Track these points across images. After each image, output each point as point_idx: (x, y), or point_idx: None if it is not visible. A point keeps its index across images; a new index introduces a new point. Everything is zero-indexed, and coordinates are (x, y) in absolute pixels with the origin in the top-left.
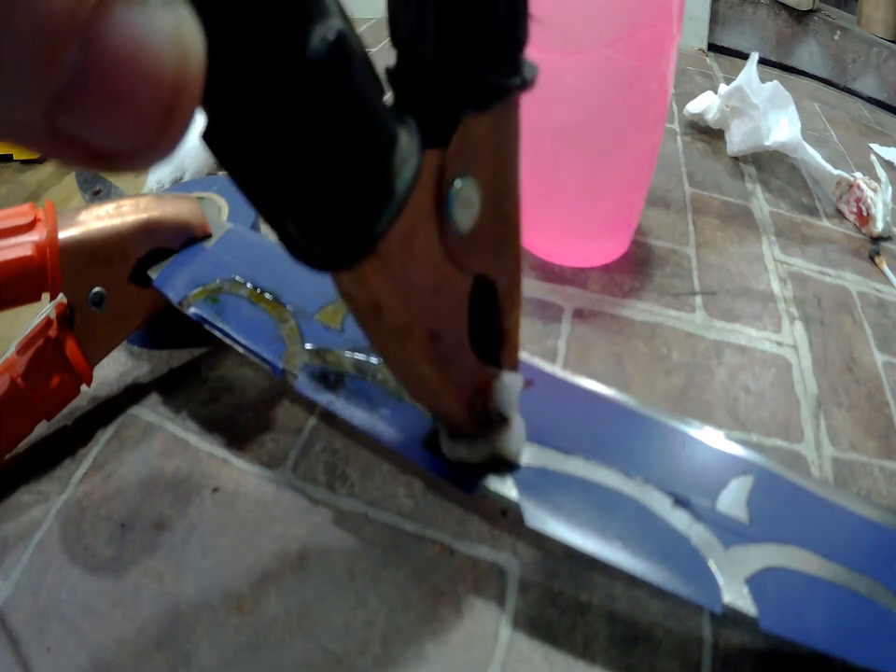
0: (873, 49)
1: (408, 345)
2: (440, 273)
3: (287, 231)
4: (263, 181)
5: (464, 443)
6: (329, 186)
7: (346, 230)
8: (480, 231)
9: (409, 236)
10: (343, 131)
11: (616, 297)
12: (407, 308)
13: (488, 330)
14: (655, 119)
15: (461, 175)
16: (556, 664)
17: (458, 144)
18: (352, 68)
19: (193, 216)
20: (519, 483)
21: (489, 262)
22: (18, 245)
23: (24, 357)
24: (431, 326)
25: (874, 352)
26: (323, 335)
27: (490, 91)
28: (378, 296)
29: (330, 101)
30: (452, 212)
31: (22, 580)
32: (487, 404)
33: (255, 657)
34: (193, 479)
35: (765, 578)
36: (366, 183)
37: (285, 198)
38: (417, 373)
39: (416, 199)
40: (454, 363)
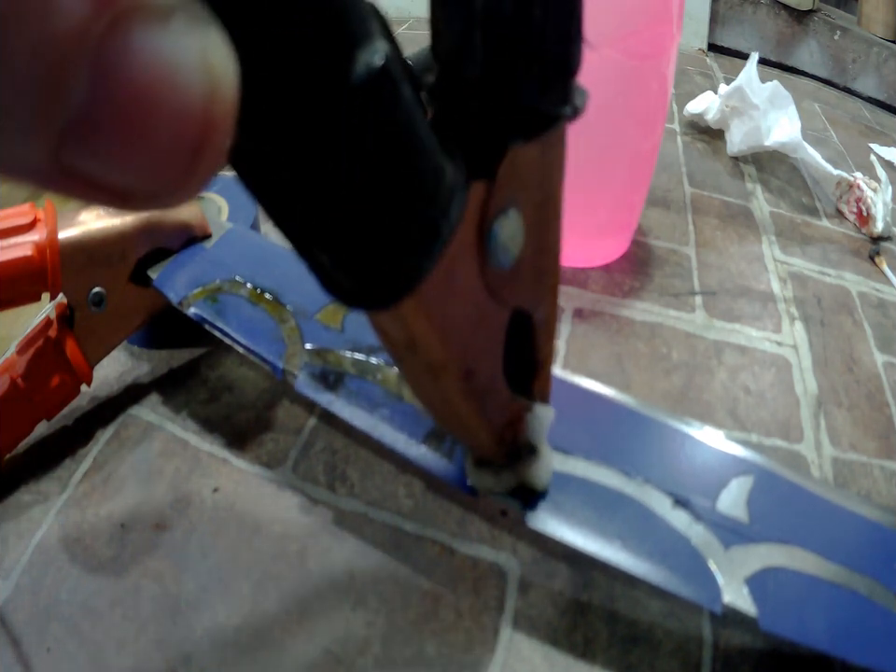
0: (873, 49)
1: (442, 382)
2: (478, 309)
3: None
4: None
5: (490, 472)
6: (372, 222)
7: (387, 269)
8: (521, 265)
9: (449, 273)
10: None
11: (616, 297)
12: (444, 345)
13: (522, 361)
14: (655, 119)
15: (506, 208)
16: (556, 664)
17: (504, 175)
18: (398, 96)
19: (193, 216)
20: None
21: (528, 295)
22: (18, 245)
23: (24, 357)
24: (467, 362)
25: (874, 352)
26: (323, 335)
27: (539, 119)
28: (415, 333)
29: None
30: (495, 248)
31: (22, 580)
32: (517, 435)
33: (255, 657)
34: (193, 479)
35: (765, 578)
36: (411, 220)
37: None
38: (451, 409)
39: (458, 234)
40: (487, 398)
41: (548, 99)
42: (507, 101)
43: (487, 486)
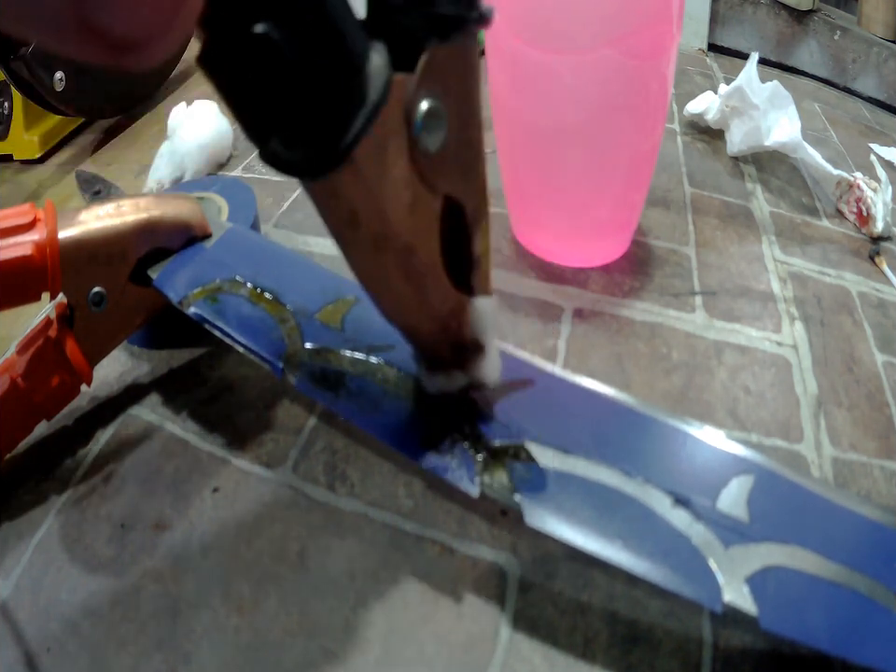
0: (873, 49)
1: (383, 258)
2: (411, 190)
3: (271, 148)
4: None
5: (442, 373)
6: (308, 94)
7: (324, 135)
8: (446, 154)
9: (382, 150)
10: (322, 41)
11: (616, 297)
12: (382, 219)
13: (460, 256)
14: (655, 119)
15: (427, 98)
16: (556, 664)
17: (424, 70)
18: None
19: (193, 216)
20: (519, 481)
21: (457, 185)
22: (18, 245)
23: (24, 357)
24: (406, 239)
25: (874, 352)
26: (323, 335)
27: (450, 22)
28: (354, 205)
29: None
30: (420, 130)
31: (22, 580)
32: (462, 329)
33: (255, 657)
34: (193, 479)
35: (766, 577)
36: (341, 90)
37: (270, 111)
38: (393, 288)
39: (387, 116)
40: (427, 281)
41: (457, 6)
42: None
43: (439, 386)
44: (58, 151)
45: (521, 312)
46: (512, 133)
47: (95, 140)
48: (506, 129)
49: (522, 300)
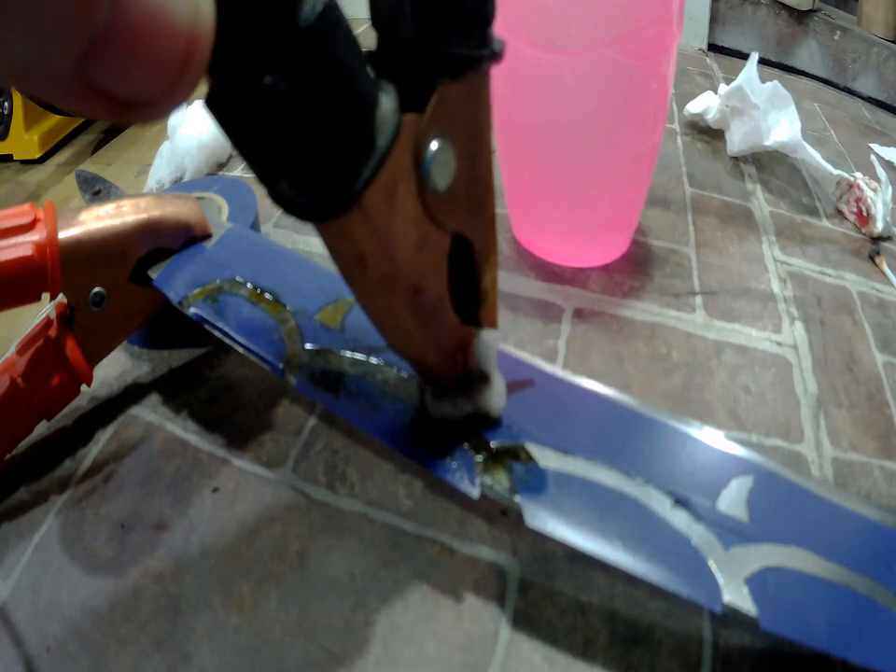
0: (873, 49)
1: (391, 297)
2: (420, 230)
3: (279, 189)
4: (259, 142)
5: (447, 400)
6: (317, 142)
7: (333, 182)
8: (455, 192)
9: (391, 192)
10: (330, 91)
11: (616, 297)
12: (390, 260)
13: (467, 291)
14: (655, 119)
15: (437, 137)
16: (556, 664)
17: (434, 110)
18: (337, 35)
19: (193, 216)
20: (519, 482)
21: (465, 222)
22: (18, 245)
23: (24, 357)
24: (414, 279)
25: (874, 352)
26: (323, 335)
27: (462, 61)
28: (363, 247)
29: (319, 64)
30: (429, 170)
31: (22, 580)
32: (468, 361)
33: (255, 657)
34: (193, 479)
35: (765, 577)
36: (350, 138)
37: (278, 156)
38: (400, 325)
39: (397, 158)
40: (435, 317)
41: (469, 45)
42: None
43: (445, 413)
44: (58, 151)
45: (521, 312)
46: (512, 133)
47: (95, 140)
48: (506, 129)
49: (522, 300)
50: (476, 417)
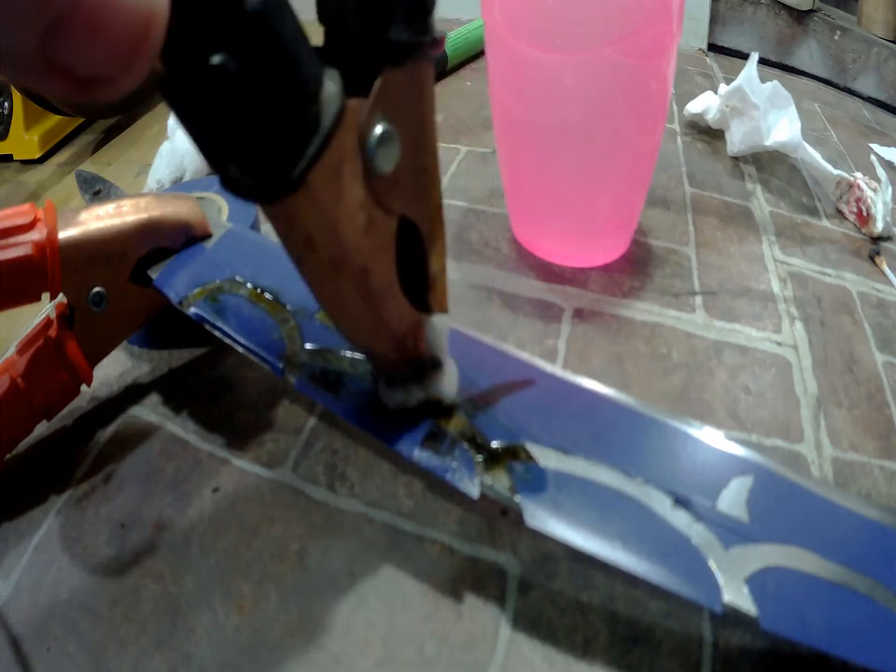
0: (873, 49)
1: (340, 280)
2: (367, 212)
3: (230, 174)
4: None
5: (400, 389)
6: (262, 122)
7: (278, 162)
8: (400, 175)
9: (336, 174)
10: (275, 72)
11: (616, 297)
12: (338, 242)
13: (416, 276)
14: (655, 119)
15: (381, 122)
16: (556, 664)
17: (378, 94)
18: (283, 19)
19: (193, 215)
20: (519, 482)
21: (411, 206)
22: (18, 245)
23: (24, 357)
24: (362, 262)
25: (874, 352)
26: (323, 335)
27: (403, 48)
28: (310, 230)
29: (264, 46)
30: (374, 153)
31: (22, 580)
32: (419, 346)
33: (255, 657)
34: (193, 479)
35: (765, 577)
36: (294, 118)
37: (227, 140)
38: (350, 309)
39: (342, 141)
40: (384, 301)
41: (410, 33)
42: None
43: (398, 402)
44: (58, 151)
45: (521, 312)
46: (512, 133)
47: (95, 140)
48: (506, 129)
49: (522, 300)
50: (430, 404)
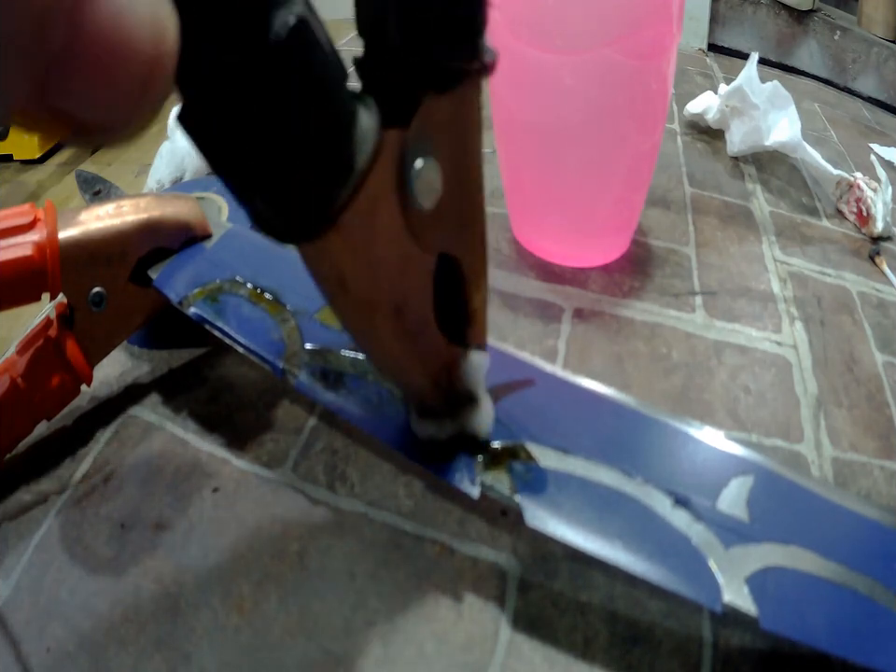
0: (873, 49)
1: (374, 319)
2: (403, 250)
3: (256, 207)
4: (233, 159)
5: (433, 421)
6: (292, 161)
7: (309, 202)
8: (442, 210)
9: (371, 212)
10: (304, 110)
11: (616, 297)
12: (371, 282)
13: (456, 310)
14: (655, 119)
15: (422, 154)
16: (556, 664)
17: (419, 125)
18: (312, 51)
19: (193, 216)
20: (519, 482)
21: (452, 241)
22: (18, 245)
23: (24, 357)
24: (396, 301)
25: (874, 352)
26: (323, 335)
27: (449, 74)
28: (343, 269)
29: (291, 82)
30: (413, 190)
31: (22, 580)
32: (454, 382)
33: (255, 657)
34: (193, 479)
35: (766, 577)
36: (326, 158)
37: (253, 175)
38: (383, 348)
39: (378, 176)
40: (419, 339)
41: (457, 56)
42: (421, 60)
43: (429, 434)
44: (58, 151)
45: (521, 312)
46: (512, 133)
47: None
48: (506, 129)
49: (522, 300)
50: (462, 437)
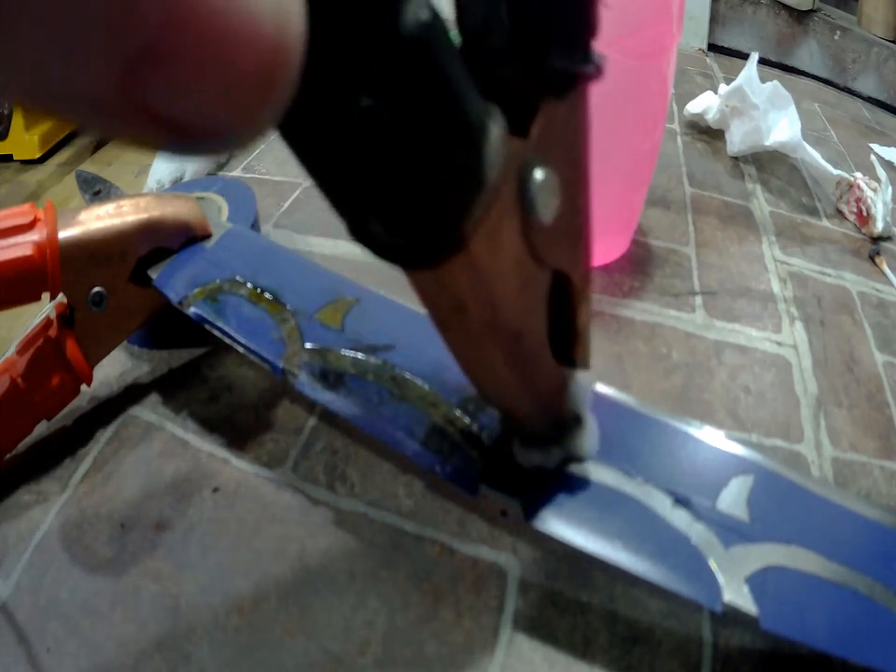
0: (873, 49)
1: (491, 348)
2: (524, 270)
3: (368, 229)
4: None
5: (537, 449)
6: (419, 178)
7: (436, 223)
8: (558, 225)
9: (494, 230)
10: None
11: (616, 297)
12: (492, 306)
13: (563, 328)
14: (655, 119)
15: (541, 164)
16: (556, 664)
17: (537, 133)
18: (444, 49)
19: (193, 216)
20: (519, 482)
21: (566, 257)
22: (18, 245)
23: (24, 357)
24: (516, 326)
25: (874, 352)
26: (323, 335)
27: (567, 78)
28: (463, 295)
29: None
30: (535, 203)
31: (23, 580)
32: (561, 404)
33: (255, 657)
34: (193, 479)
35: (766, 577)
36: (457, 174)
37: (369, 193)
38: (498, 376)
39: (502, 193)
40: (533, 365)
41: (575, 59)
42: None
43: (535, 462)
44: (58, 151)
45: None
46: None
47: (95, 140)
48: None
49: None
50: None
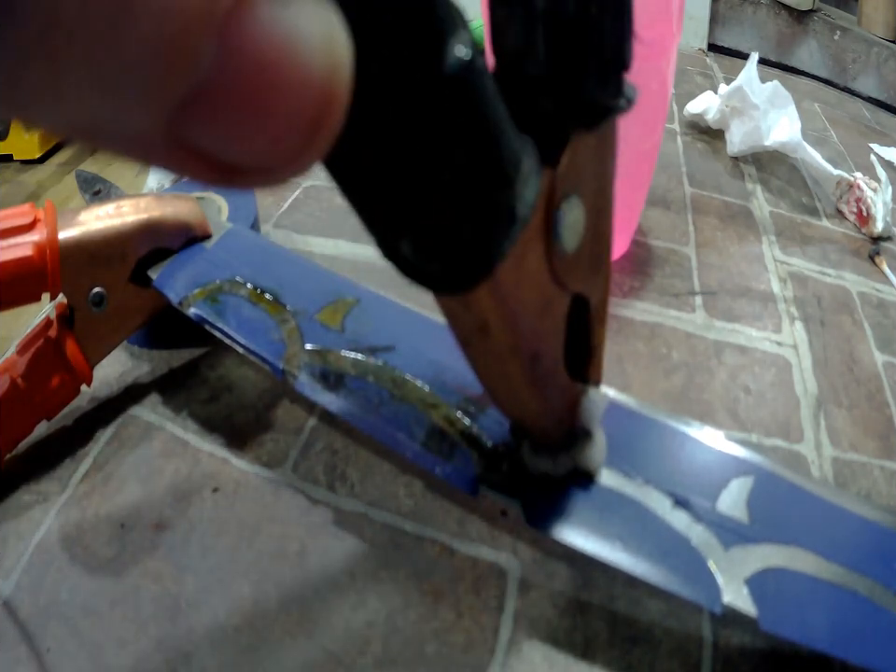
0: (873, 49)
1: (510, 365)
2: (546, 294)
3: (398, 251)
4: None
5: (547, 457)
6: (455, 206)
7: (468, 252)
8: (581, 251)
9: (521, 257)
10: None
11: (616, 297)
12: (514, 330)
13: (578, 346)
14: (655, 119)
15: (569, 194)
16: (556, 664)
17: (566, 163)
18: (484, 86)
19: (193, 216)
20: (519, 482)
21: (587, 281)
22: (18, 246)
23: (24, 357)
24: (535, 347)
25: (874, 352)
26: (323, 335)
27: (599, 110)
28: (487, 317)
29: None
30: (560, 232)
31: (23, 580)
32: (574, 420)
33: (255, 657)
34: (193, 479)
35: (765, 578)
36: (491, 205)
37: (403, 218)
38: (516, 394)
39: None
40: (550, 382)
41: (606, 92)
42: (569, 94)
43: (543, 469)
44: (58, 151)
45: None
46: None
47: None
48: None
49: None
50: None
